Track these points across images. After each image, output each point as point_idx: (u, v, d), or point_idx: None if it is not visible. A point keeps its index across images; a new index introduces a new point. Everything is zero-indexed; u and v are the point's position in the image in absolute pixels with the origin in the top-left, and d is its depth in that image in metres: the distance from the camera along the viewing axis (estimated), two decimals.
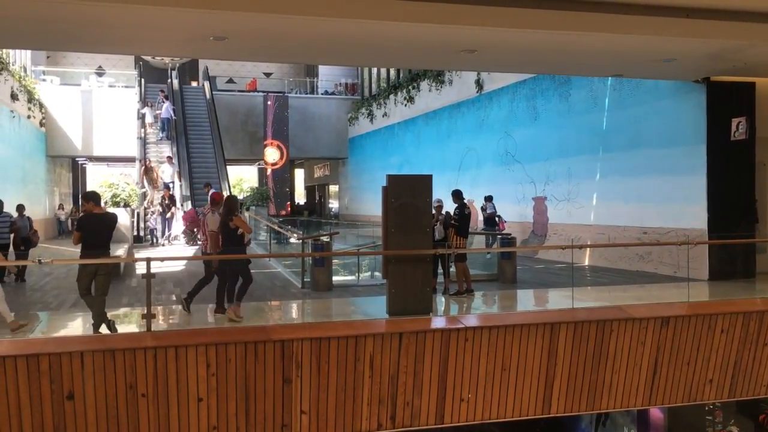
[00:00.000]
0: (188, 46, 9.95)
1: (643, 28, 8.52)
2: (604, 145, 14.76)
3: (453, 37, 8.75)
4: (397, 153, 26.47)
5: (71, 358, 6.52)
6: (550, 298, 11.53)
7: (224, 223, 8.78)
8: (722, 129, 11.60)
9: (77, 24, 8.14)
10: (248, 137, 30.16)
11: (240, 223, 8.84)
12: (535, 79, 17.07)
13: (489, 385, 7.76)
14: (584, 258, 14.78)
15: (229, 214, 8.76)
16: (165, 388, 6.78)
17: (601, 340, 8.06)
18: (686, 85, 12.14)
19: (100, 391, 6.60)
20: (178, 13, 7.59)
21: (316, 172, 39.98)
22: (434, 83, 22.66)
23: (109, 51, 16.44)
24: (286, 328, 7.90)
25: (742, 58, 10.16)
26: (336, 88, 33.34)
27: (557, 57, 10.45)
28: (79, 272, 7.71)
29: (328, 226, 27.64)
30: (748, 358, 8.64)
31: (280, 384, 7.11)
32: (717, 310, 8.66)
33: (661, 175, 12.93)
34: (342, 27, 8.26)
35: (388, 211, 8.39)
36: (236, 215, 8.84)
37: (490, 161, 19.46)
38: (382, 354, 7.40)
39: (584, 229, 15.13)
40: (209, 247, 9.23)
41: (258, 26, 8.24)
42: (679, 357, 8.36)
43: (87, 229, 7.75)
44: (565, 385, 8.03)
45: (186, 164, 23.95)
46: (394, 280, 8.34)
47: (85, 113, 26.89)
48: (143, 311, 7.47)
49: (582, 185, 15.46)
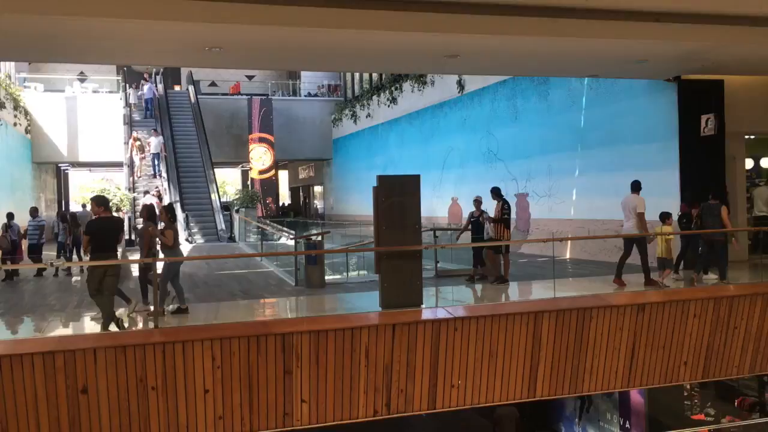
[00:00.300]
0: (183, 56, 10.32)
1: (615, 32, 8.99)
2: (582, 143, 15.26)
3: (437, 43, 9.17)
4: (381, 153, 26.84)
5: (85, 355, 6.90)
6: (533, 290, 11.98)
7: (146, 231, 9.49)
8: (693, 125, 12.09)
9: (72, 37, 8.47)
10: (233, 140, 30.37)
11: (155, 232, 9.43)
12: (514, 79, 17.53)
13: (478, 371, 8.22)
14: (565, 251, 15.28)
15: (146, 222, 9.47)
16: (173, 381, 7.17)
17: (582, 326, 8.55)
18: (659, 84, 12.65)
19: (112, 385, 6.98)
20: (173, 27, 7.96)
21: (300, 174, 40.22)
22: (417, 84, 23.05)
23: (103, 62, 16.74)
24: (285, 322, 8.30)
25: (710, 58, 10.67)
26: (319, 89, 33.63)
27: (536, 60, 10.93)
28: (89, 274, 8.07)
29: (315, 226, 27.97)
30: (720, 341, 9.17)
31: (281, 375, 7.52)
32: (690, 296, 9.18)
33: (636, 170, 13.36)
34: (330, 37, 8.67)
35: (379, 209, 8.81)
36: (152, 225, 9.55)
37: (473, 160, 19.89)
38: (377, 345, 7.83)
39: (565, 223, 15.62)
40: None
41: (252, 37, 8.62)
42: (655, 341, 8.86)
43: (95, 233, 8.09)
44: (549, 370, 8.51)
45: (174, 170, 24.38)
46: (386, 275, 8.75)
47: (69, 119, 27.02)
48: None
49: (562, 181, 15.96)
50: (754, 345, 9.34)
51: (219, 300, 10.59)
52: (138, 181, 23.07)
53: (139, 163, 23.64)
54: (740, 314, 9.20)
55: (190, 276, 13.34)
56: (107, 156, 26.69)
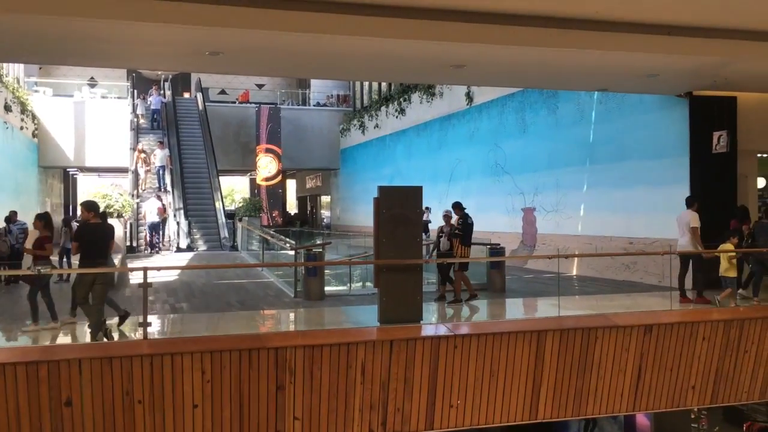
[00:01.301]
0: (184, 60, 10.17)
1: (626, 45, 8.79)
2: (591, 157, 15.03)
3: (443, 52, 8.99)
4: (388, 164, 26.70)
5: (69, 366, 6.66)
6: (537, 306, 11.74)
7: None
8: (704, 142, 11.84)
9: (73, 39, 8.33)
10: (241, 148, 30.34)
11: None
12: (523, 92, 17.35)
13: (478, 391, 7.95)
14: (572, 268, 15.01)
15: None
16: (161, 394, 6.92)
17: (586, 347, 8.27)
18: (670, 99, 12.42)
19: (97, 398, 6.74)
20: (174, 30, 7.79)
21: (308, 183, 40.14)
22: (425, 95, 22.92)
23: (104, 65, 16.66)
24: (279, 336, 8.08)
25: (723, 74, 10.45)
26: (328, 99, 33.58)
27: (544, 72, 10.72)
28: (77, 281, 7.87)
29: (320, 236, 27.80)
30: (730, 365, 8.87)
31: (274, 390, 7.27)
32: (699, 318, 8.89)
33: (646, 187, 13.19)
34: (335, 43, 8.49)
35: (379, 221, 8.59)
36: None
37: (480, 173, 19.70)
38: (374, 361, 7.57)
39: (572, 239, 15.37)
40: None
41: (253, 42, 8.46)
42: (662, 364, 8.57)
43: (85, 239, 7.90)
44: (551, 391, 8.23)
45: (177, 160, 24.29)
46: (385, 289, 8.51)
47: (77, 124, 27.03)
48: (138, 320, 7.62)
49: (570, 196, 15.71)
50: (764, 370, 9.03)
51: (215, 311, 10.38)
52: (142, 194, 22.89)
53: (144, 176, 23.44)
54: (751, 338, 8.90)
55: (188, 285, 13.16)
56: (114, 161, 26.64)
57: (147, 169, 23.74)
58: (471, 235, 11.08)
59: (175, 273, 14.57)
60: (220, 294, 12.17)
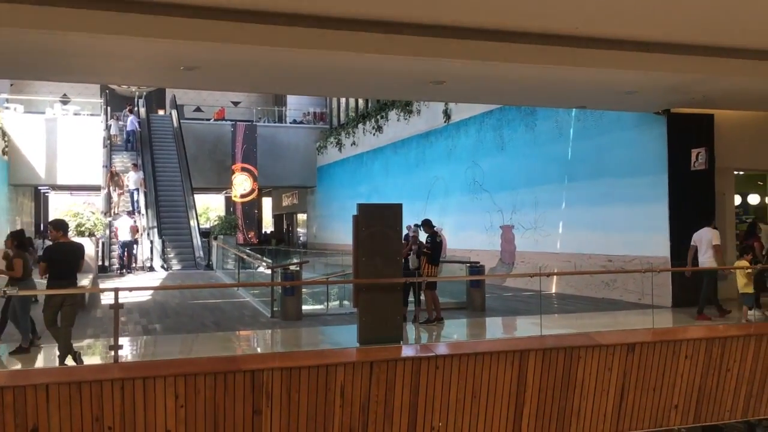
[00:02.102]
0: (159, 75, 9.99)
1: (606, 61, 8.77)
2: (570, 175, 15.02)
3: (422, 68, 8.90)
4: (365, 182, 26.57)
5: (36, 391, 6.38)
6: (518, 325, 11.62)
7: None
8: (683, 159, 11.89)
9: (44, 54, 8.10)
10: (216, 166, 30.01)
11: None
12: (501, 109, 17.36)
13: (459, 412, 7.77)
14: (551, 286, 14.95)
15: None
16: (132, 420, 6.66)
17: (569, 366, 8.15)
18: (648, 117, 12.46)
19: (65, 425, 6.46)
20: (148, 44, 7.62)
21: (284, 201, 39.86)
22: (403, 113, 22.88)
23: (76, 80, 16.33)
24: (255, 358, 7.85)
25: (701, 91, 10.50)
26: (304, 117, 33.43)
27: (523, 89, 10.70)
28: (45, 303, 7.58)
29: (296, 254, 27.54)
30: (712, 384, 8.80)
31: (250, 415, 7.04)
32: (681, 336, 8.83)
33: (625, 204, 13.18)
34: (312, 58, 8.37)
35: (358, 239, 8.43)
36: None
37: (458, 190, 19.64)
38: (353, 383, 7.37)
39: (551, 257, 15.31)
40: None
41: (229, 57, 8.31)
42: (645, 383, 8.48)
43: (54, 259, 7.63)
44: (534, 412, 8.08)
45: (151, 179, 23.83)
46: (364, 309, 8.34)
47: (49, 141, 26.53)
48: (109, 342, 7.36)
49: (548, 214, 15.68)
50: (746, 388, 8.97)
51: (189, 332, 10.11)
52: (114, 217, 22.31)
53: (117, 199, 22.85)
54: (733, 356, 8.84)
55: (161, 305, 12.85)
56: (87, 179, 26.13)
57: (120, 192, 23.16)
58: (440, 253, 10.93)
59: (149, 293, 14.24)
60: (194, 314, 11.88)
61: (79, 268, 7.90)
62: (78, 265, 7.85)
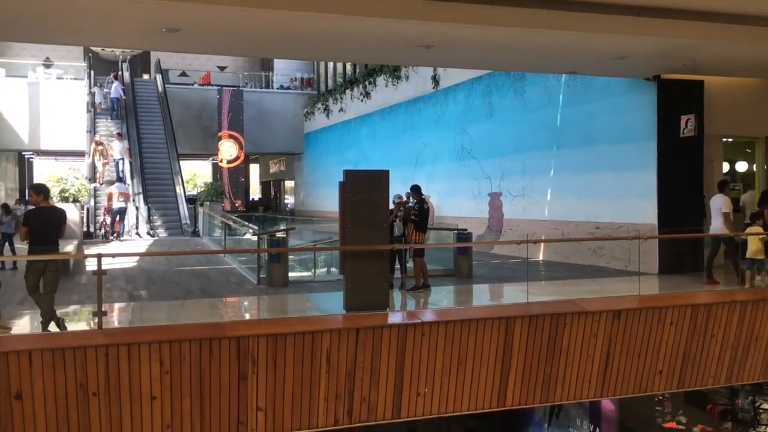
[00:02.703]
0: (140, 37, 9.74)
1: (595, 25, 8.66)
2: (558, 142, 14.95)
3: (410, 32, 8.75)
4: (353, 148, 26.40)
5: (19, 357, 6.33)
6: (505, 292, 11.64)
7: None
8: (672, 126, 11.84)
9: (23, 14, 7.88)
10: (202, 132, 29.70)
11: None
12: (490, 75, 17.19)
13: (445, 379, 7.80)
14: (539, 253, 14.97)
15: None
16: (117, 386, 6.63)
17: (555, 333, 8.17)
18: (638, 83, 12.37)
19: (49, 391, 6.42)
20: (128, 3, 7.43)
21: (271, 168, 39.61)
22: (391, 79, 22.64)
23: (57, 42, 15.98)
24: (241, 325, 7.83)
25: (692, 57, 10.40)
26: (292, 82, 33.04)
27: (512, 54, 10.56)
28: (27, 269, 7.47)
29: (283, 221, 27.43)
30: (696, 350, 8.86)
31: (236, 381, 7.02)
32: (667, 303, 8.86)
33: (613, 171, 13.16)
34: (296, 20, 8.17)
35: (345, 206, 8.35)
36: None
37: (447, 157, 19.54)
38: (339, 349, 7.36)
39: (539, 224, 15.31)
40: None
41: (211, 18, 8.10)
42: (630, 349, 8.52)
43: (35, 224, 7.51)
44: (520, 378, 8.12)
45: (136, 145, 23.58)
46: (351, 276, 8.29)
47: (32, 106, 26.11)
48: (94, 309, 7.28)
49: (536, 181, 15.65)
50: (731, 355, 9.04)
51: (174, 298, 10.04)
52: (100, 187, 21.94)
53: (102, 169, 22.41)
54: (718, 322, 8.89)
55: (147, 272, 12.77)
56: (71, 144, 25.77)
57: (105, 162, 22.71)
58: (427, 220, 10.87)
59: (134, 260, 14.14)
60: (180, 281, 11.81)
61: (62, 233, 7.78)
62: (60, 230, 7.73)
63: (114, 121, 25.05)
